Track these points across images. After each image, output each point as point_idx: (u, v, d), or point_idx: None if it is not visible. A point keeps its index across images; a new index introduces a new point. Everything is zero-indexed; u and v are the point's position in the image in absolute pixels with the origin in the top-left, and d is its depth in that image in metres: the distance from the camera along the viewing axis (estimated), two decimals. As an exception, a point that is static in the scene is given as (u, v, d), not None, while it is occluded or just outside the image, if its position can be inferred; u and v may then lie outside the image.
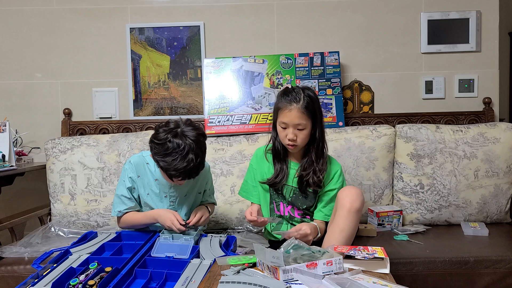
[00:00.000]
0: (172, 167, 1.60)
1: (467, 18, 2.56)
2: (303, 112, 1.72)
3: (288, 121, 1.73)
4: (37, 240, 2.01)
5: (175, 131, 1.63)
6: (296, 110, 1.72)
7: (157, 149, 1.63)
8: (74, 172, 2.28)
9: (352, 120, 2.55)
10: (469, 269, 1.78)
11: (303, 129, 1.74)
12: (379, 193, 2.28)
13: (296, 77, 2.47)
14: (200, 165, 1.66)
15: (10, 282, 1.79)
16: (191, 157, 1.60)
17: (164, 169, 1.66)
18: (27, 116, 2.62)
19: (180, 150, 1.59)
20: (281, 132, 1.77)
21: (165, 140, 1.61)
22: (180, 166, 1.59)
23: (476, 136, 2.26)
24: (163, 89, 2.61)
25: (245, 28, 2.61)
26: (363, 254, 1.41)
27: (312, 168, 1.78)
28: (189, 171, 1.63)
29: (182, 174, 1.63)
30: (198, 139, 1.64)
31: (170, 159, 1.60)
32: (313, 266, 1.32)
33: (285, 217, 1.87)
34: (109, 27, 2.61)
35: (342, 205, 1.65)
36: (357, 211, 1.63)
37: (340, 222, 1.63)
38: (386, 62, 2.61)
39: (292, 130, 1.73)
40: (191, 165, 1.60)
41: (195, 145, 1.61)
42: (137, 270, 1.42)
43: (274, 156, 1.86)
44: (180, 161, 1.59)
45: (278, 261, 1.33)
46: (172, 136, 1.61)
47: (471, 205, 2.23)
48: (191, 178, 1.69)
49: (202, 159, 1.66)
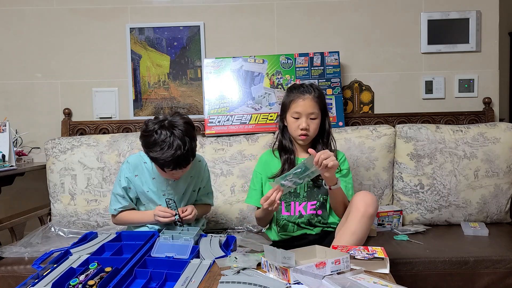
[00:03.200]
0: (161, 156, 1.63)
1: (467, 18, 2.56)
2: (316, 101, 1.80)
3: (302, 110, 1.78)
4: (37, 240, 2.01)
5: (163, 122, 1.66)
6: (309, 99, 1.80)
7: (146, 141, 1.67)
8: (74, 172, 2.28)
9: (352, 120, 2.55)
10: (469, 269, 1.78)
11: (315, 118, 1.80)
12: (379, 193, 2.28)
13: (296, 77, 2.47)
14: (189, 153, 1.66)
15: (10, 282, 1.79)
16: (178, 144, 1.62)
17: (154, 160, 1.69)
18: (27, 116, 2.62)
19: (167, 138, 1.62)
20: (292, 123, 1.81)
21: (152, 131, 1.65)
22: (168, 154, 1.61)
23: (476, 136, 2.26)
24: (163, 89, 2.61)
25: (245, 28, 2.61)
26: (363, 254, 1.41)
27: None
28: (177, 159, 1.63)
29: (171, 162, 1.64)
30: (185, 128, 1.66)
31: (158, 148, 1.63)
32: (322, 265, 1.33)
33: (293, 217, 1.85)
34: (109, 27, 2.61)
35: (356, 209, 1.63)
36: (371, 216, 1.62)
37: (352, 225, 1.62)
38: (386, 62, 2.61)
39: (305, 120, 1.78)
40: (178, 152, 1.62)
41: (182, 133, 1.64)
42: (137, 270, 1.42)
43: (281, 150, 1.89)
44: (168, 149, 1.62)
45: (289, 262, 1.33)
46: (159, 127, 1.65)
47: (471, 205, 2.23)
48: (182, 167, 1.69)
49: (190, 147, 1.67)
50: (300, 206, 1.85)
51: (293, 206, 1.85)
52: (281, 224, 1.86)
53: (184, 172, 1.77)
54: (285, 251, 1.37)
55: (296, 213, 1.84)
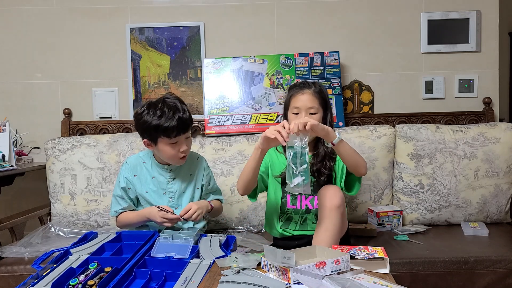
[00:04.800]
0: (163, 123, 1.69)
1: (467, 18, 2.56)
2: (315, 96, 1.79)
3: (301, 104, 1.78)
4: (37, 240, 2.02)
5: (152, 100, 1.76)
6: (308, 93, 1.79)
7: (143, 119, 1.72)
8: (74, 172, 2.28)
9: (352, 120, 2.55)
10: (469, 269, 1.78)
11: (315, 113, 1.78)
12: (379, 193, 2.28)
13: (296, 77, 2.47)
14: (188, 115, 1.75)
15: (10, 282, 1.79)
16: (174, 108, 1.71)
17: (159, 129, 1.71)
18: (27, 116, 2.62)
19: (167, 104, 1.72)
20: (293, 119, 1.78)
21: (150, 106, 1.73)
22: (169, 117, 1.69)
23: (476, 136, 2.26)
24: (163, 89, 2.61)
25: (245, 28, 2.61)
26: (363, 254, 1.41)
27: (322, 156, 1.79)
28: (179, 121, 1.70)
29: (175, 127, 1.69)
30: (174, 97, 1.78)
31: (156, 118, 1.69)
32: (322, 265, 1.33)
33: (300, 210, 1.83)
34: (109, 27, 2.61)
35: (322, 205, 1.66)
36: (337, 207, 1.62)
37: (323, 223, 1.63)
38: (386, 62, 2.61)
39: (304, 115, 1.77)
40: (178, 115, 1.70)
41: (173, 100, 1.75)
42: (136, 270, 1.42)
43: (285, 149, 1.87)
44: (168, 115, 1.69)
45: (289, 262, 1.33)
46: (149, 103, 1.75)
47: (471, 205, 2.23)
48: (186, 130, 1.75)
49: (187, 111, 1.76)
50: (307, 200, 1.84)
51: (299, 199, 1.84)
52: (285, 218, 1.85)
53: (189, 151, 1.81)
54: (285, 251, 1.37)
55: (302, 207, 1.83)
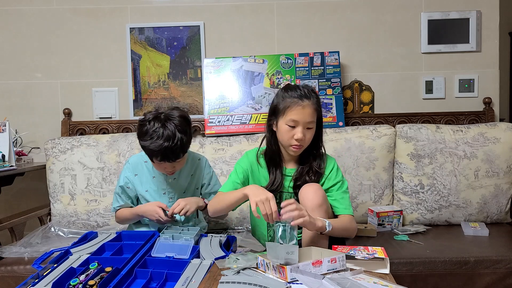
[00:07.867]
0: (149, 146, 1.65)
1: (467, 18, 2.56)
2: (315, 109, 1.62)
3: (300, 118, 1.59)
4: (37, 240, 2.02)
5: (159, 114, 1.69)
6: (309, 107, 1.60)
7: (140, 129, 1.70)
8: (74, 172, 2.28)
9: (352, 120, 2.55)
10: (469, 269, 1.78)
11: (311, 128, 1.63)
12: (379, 193, 2.28)
13: (296, 77, 2.47)
14: (178, 147, 1.65)
15: (10, 282, 1.79)
16: (167, 136, 1.63)
17: (143, 149, 1.71)
18: (27, 116, 2.62)
19: (158, 129, 1.64)
20: (286, 132, 1.61)
21: (147, 120, 1.68)
22: (156, 144, 1.63)
23: (476, 136, 2.26)
24: (163, 89, 2.61)
25: (245, 28, 2.61)
26: (363, 254, 1.41)
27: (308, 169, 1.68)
28: (164, 150, 1.64)
29: (159, 153, 1.65)
30: (179, 122, 1.67)
31: (148, 137, 1.66)
32: (318, 264, 1.32)
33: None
34: (109, 27, 2.61)
35: (303, 206, 1.52)
36: (319, 206, 1.54)
37: None
38: (386, 62, 2.61)
39: (301, 129, 1.59)
40: (166, 144, 1.62)
41: (174, 127, 1.65)
42: (137, 270, 1.42)
43: (269, 161, 1.72)
44: (156, 139, 1.63)
45: (293, 257, 1.32)
46: (154, 118, 1.68)
47: (471, 205, 2.23)
48: (170, 160, 1.68)
49: (181, 142, 1.66)
50: None
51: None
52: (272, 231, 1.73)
53: (178, 169, 1.78)
54: (288, 246, 1.35)
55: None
